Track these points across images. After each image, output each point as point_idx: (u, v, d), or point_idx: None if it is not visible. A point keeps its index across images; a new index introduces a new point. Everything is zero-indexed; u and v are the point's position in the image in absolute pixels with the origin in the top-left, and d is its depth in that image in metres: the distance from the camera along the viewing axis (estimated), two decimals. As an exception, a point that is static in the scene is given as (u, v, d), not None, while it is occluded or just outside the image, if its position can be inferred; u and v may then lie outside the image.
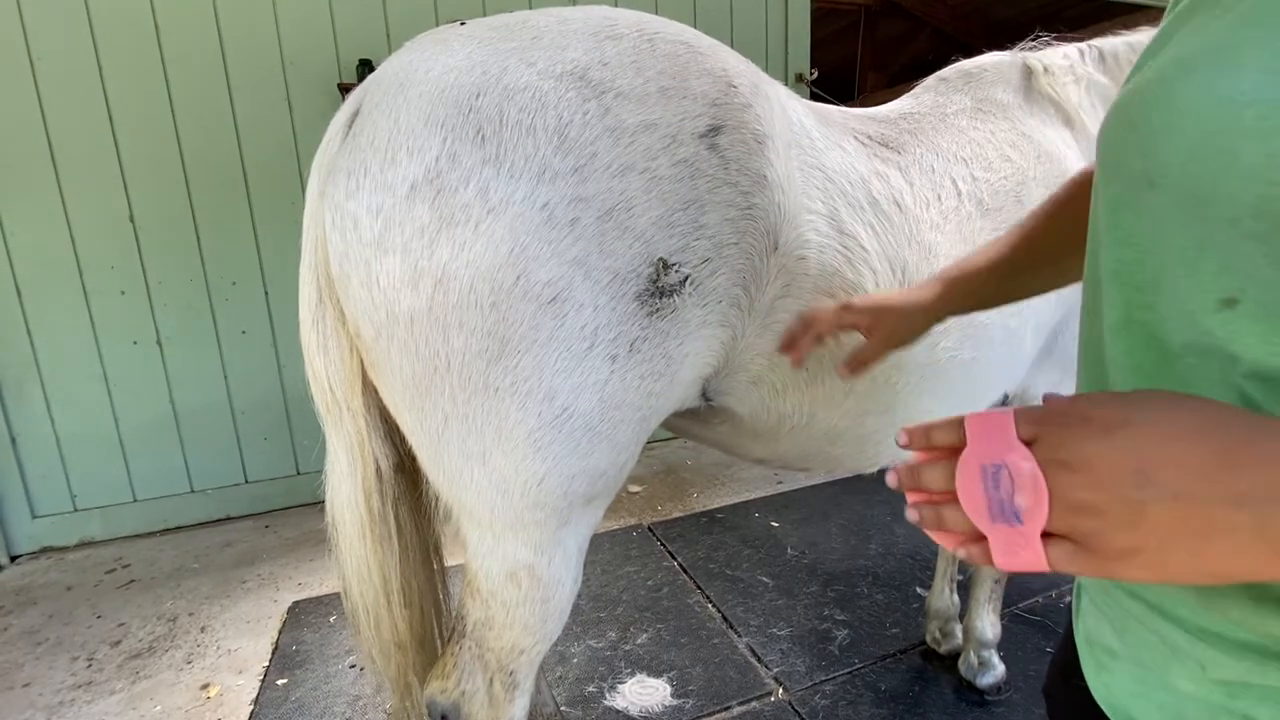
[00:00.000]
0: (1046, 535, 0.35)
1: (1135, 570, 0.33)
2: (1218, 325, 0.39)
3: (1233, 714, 0.40)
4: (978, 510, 0.37)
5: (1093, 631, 0.52)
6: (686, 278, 0.80)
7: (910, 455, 0.43)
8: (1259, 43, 0.37)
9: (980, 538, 0.38)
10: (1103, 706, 0.50)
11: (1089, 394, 0.35)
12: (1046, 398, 0.39)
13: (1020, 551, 0.35)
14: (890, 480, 0.43)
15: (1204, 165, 0.38)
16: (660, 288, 0.79)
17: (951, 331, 1.06)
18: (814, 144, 0.95)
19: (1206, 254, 0.39)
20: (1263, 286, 0.36)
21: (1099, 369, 0.50)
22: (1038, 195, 1.15)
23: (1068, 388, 1.39)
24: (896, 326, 0.86)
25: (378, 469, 0.94)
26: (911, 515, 0.41)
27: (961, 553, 0.39)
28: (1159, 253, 0.42)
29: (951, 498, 0.38)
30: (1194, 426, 0.31)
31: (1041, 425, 0.35)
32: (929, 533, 0.41)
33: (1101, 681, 0.51)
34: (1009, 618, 1.97)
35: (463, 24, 0.84)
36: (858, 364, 0.89)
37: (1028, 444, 0.35)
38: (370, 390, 0.90)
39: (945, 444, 0.40)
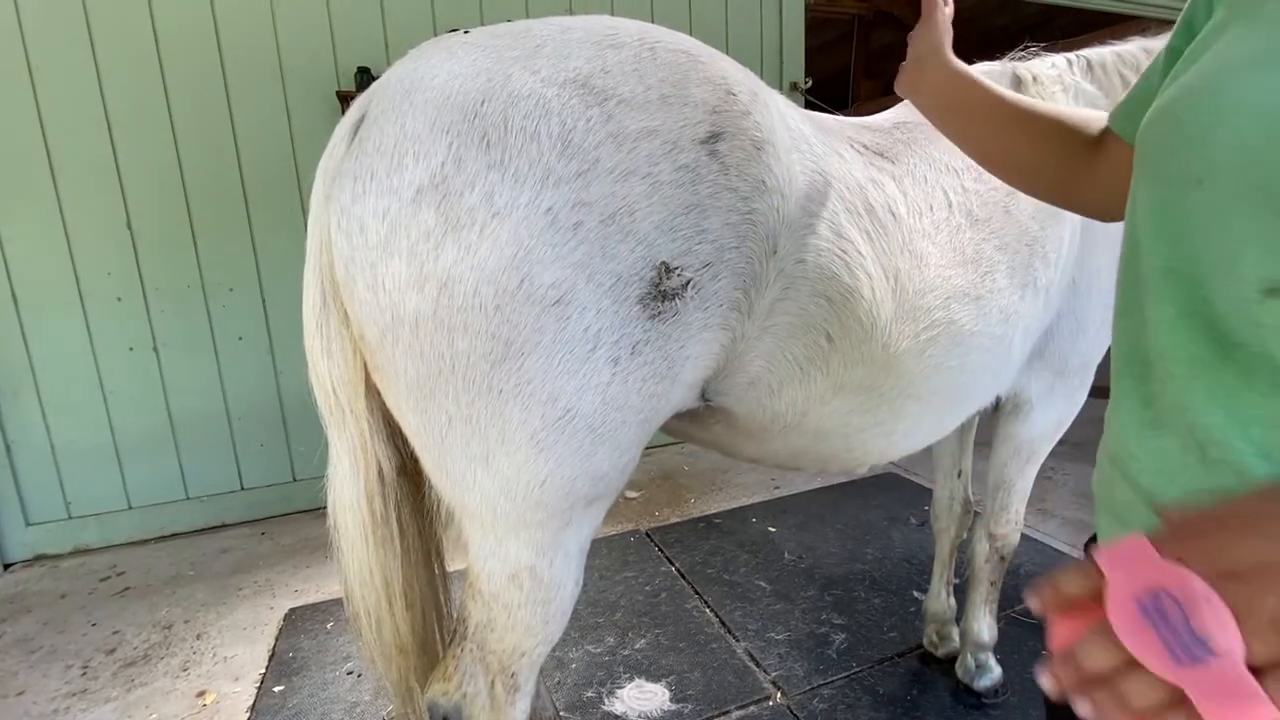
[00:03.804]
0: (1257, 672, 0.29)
1: None
2: (1264, 314, 0.41)
3: None
4: (1156, 656, 0.30)
5: None
6: (689, 281, 0.81)
7: (898, 458, 0.42)
8: None
9: (1178, 701, 0.30)
10: None
11: (1208, 501, 0.33)
12: (1163, 513, 0.36)
13: (1235, 693, 0.28)
14: (1048, 684, 0.35)
15: (1257, 158, 0.40)
16: (663, 291, 0.80)
17: (939, 339, 1.08)
18: (812, 150, 0.96)
19: (1253, 246, 0.41)
20: None
21: (1143, 366, 0.51)
22: (1026, 204, 1.17)
23: (1060, 389, 1.41)
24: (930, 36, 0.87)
25: (380, 472, 0.95)
26: (1087, 712, 0.33)
27: None
28: (1209, 247, 0.44)
29: (1123, 670, 0.32)
30: None
31: (1182, 540, 0.32)
32: None
33: None
34: (1006, 621, 1.98)
35: (466, 32, 0.85)
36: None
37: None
38: (373, 393, 0.90)
39: (1079, 593, 0.35)
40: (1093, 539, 0.72)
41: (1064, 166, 0.75)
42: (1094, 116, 0.76)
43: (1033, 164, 0.79)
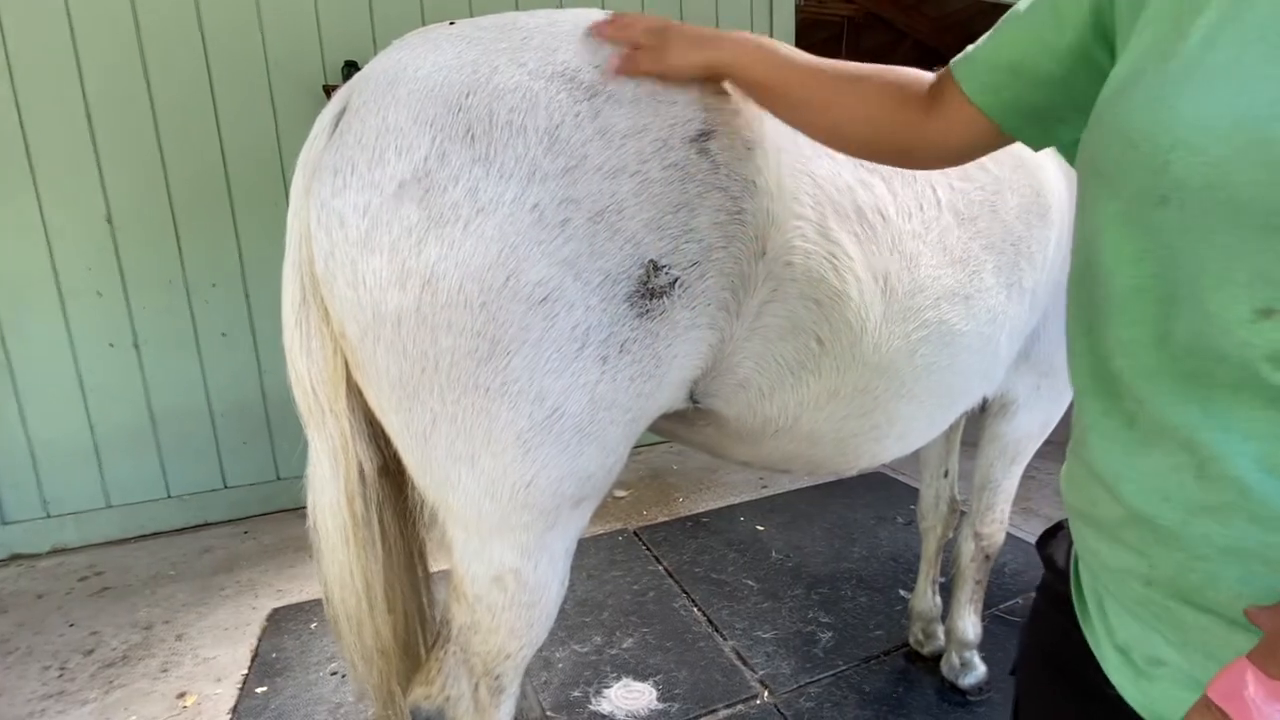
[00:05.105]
0: None
1: None
2: (1255, 335, 0.40)
3: None
4: None
5: (1131, 641, 0.52)
6: (676, 280, 0.80)
7: (889, 461, 0.42)
8: (1264, 58, 0.39)
9: None
10: (1142, 713, 0.51)
11: None
12: (1250, 614, 0.39)
13: None
14: None
15: (1236, 177, 0.39)
16: (650, 290, 0.79)
17: (931, 339, 1.08)
18: (802, 151, 0.95)
19: (1237, 265, 0.40)
20: None
21: (1111, 384, 0.50)
22: (1012, 203, 1.17)
23: (1046, 389, 1.42)
24: (671, 53, 0.78)
25: (361, 472, 0.93)
26: None
27: None
28: (1180, 267, 0.43)
29: None
30: None
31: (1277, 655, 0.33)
32: None
33: (1140, 689, 0.51)
34: (990, 619, 1.99)
35: (452, 24, 0.84)
36: (625, 68, 0.78)
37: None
38: (354, 392, 0.89)
39: None
40: (1044, 536, 0.72)
41: (894, 129, 0.72)
42: (915, 74, 0.73)
43: (862, 133, 0.75)
